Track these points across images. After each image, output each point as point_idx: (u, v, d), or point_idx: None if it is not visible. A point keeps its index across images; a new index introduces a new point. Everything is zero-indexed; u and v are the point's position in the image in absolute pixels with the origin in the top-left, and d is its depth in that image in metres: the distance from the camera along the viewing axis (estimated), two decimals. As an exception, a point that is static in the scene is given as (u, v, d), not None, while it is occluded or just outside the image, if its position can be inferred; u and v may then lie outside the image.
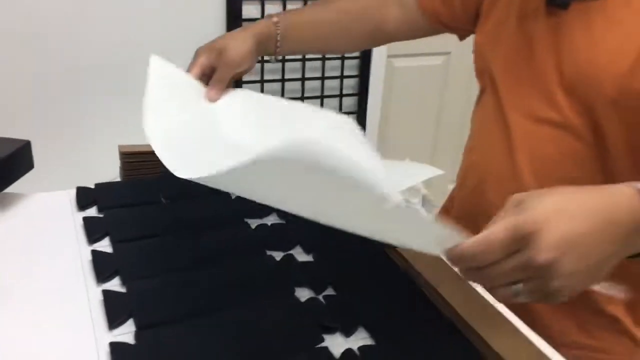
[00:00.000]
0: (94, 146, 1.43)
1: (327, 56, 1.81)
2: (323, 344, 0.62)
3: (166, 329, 0.62)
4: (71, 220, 0.81)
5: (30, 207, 0.84)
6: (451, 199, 0.97)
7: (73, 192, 0.86)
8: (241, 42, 0.82)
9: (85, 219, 0.80)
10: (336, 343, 0.63)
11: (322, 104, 1.89)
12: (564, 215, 0.43)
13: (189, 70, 0.81)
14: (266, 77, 1.77)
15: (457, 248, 0.44)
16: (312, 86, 1.85)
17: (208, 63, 0.80)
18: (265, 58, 0.96)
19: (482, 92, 0.87)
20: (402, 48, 1.07)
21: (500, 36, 0.80)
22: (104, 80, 1.59)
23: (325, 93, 1.88)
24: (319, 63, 1.82)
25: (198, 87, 0.80)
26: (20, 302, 0.65)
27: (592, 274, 0.44)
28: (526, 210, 0.43)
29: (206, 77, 0.81)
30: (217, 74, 0.80)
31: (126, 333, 0.62)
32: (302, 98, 1.85)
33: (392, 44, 0.94)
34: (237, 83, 1.75)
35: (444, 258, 0.46)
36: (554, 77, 0.73)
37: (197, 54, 0.82)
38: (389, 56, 1.94)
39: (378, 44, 1.02)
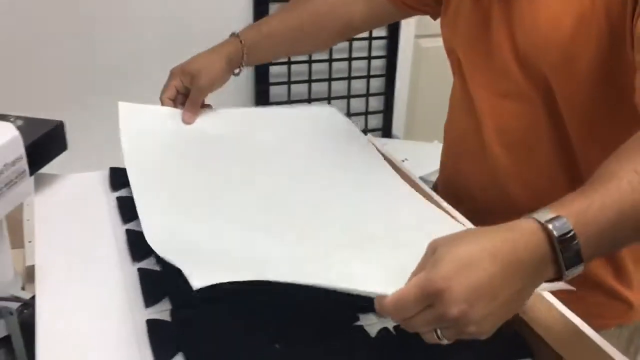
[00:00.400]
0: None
1: (354, 37, 1.80)
2: (358, 323, 0.62)
3: (202, 307, 0.62)
4: (105, 201, 0.81)
5: (65, 187, 0.84)
6: (435, 184, 1.00)
7: (107, 172, 0.87)
8: (212, 66, 0.89)
9: (119, 198, 0.81)
10: (371, 322, 0.63)
11: (349, 86, 1.87)
12: (469, 267, 0.46)
13: (163, 91, 0.90)
14: (293, 59, 1.76)
15: (378, 304, 0.49)
16: (339, 67, 1.84)
17: (181, 85, 0.90)
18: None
19: (453, 72, 0.89)
20: (429, 28, 1.06)
21: (460, 15, 0.82)
22: (138, 63, 1.60)
23: (353, 74, 1.86)
24: (345, 44, 1.81)
25: (173, 118, 0.88)
26: (58, 281, 0.66)
27: (506, 309, 0.48)
28: (435, 265, 0.47)
29: (181, 96, 0.90)
30: (191, 98, 0.89)
31: (163, 311, 0.62)
32: (329, 79, 1.84)
33: (420, 23, 0.95)
34: (265, 76, 1.74)
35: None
36: (508, 50, 0.75)
37: (172, 75, 0.90)
38: (417, 36, 1.91)
39: (347, 38, 1.08)
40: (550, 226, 0.47)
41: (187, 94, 0.90)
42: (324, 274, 0.58)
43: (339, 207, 0.75)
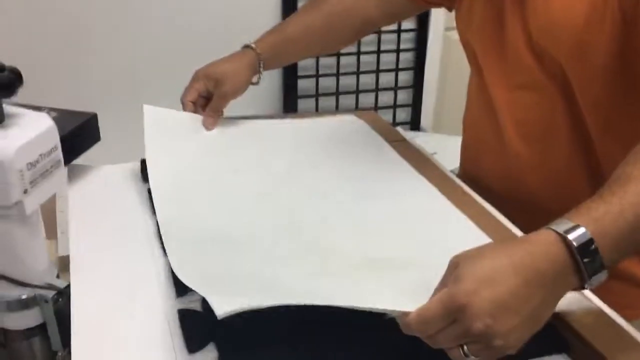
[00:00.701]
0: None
1: (382, 29, 1.78)
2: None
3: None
4: (137, 192, 0.82)
5: (97, 178, 0.85)
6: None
7: (138, 164, 0.88)
8: (237, 73, 0.90)
9: (150, 190, 0.81)
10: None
11: (377, 79, 1.86)
12: (491, 281, 0.46)
13: (185, 93, 0.90)
14: (321, 52, 1.76)
15: (402, 322, 0.50)
16: (368, 60, 1.83)
17: (204, 89, 0.90)
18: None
19: (469, 64, 0.89)
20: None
21: (474, 8, 0.82)
22: (170, 54, 1.61)
23: (381, 67, 1.85)
24: (374, 37, 1.80)
25: (197, 125, 0.90)
26: (92, 270, 0.67)
27: (532, 321, 0.48)
28: (458, 280, 0.47)
29: (202, 99, 0.91)
30: (213, 104, 0.90)
31: (193, 301, 0.62)
32: (357, 73, 1.83)
33: (450, 16, 0.95)
34: (294, 70, 1.74)
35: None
36: (522, 41, 0.74)
37: (195, 78, 0.90)
38: (446, 29, 1.89)
39: (366, 35, 1.06)
40: (569, 236, 0.48)
41: (209, 97, 0.91)
42: (345, 293, 0.58)
43: (363, 222, 0.74)
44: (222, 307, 0.51)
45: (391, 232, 0.72)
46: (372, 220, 0.74)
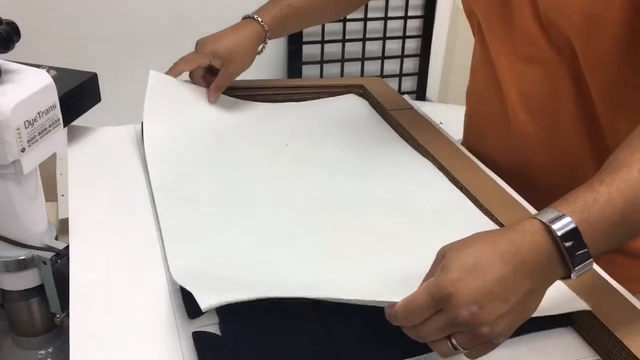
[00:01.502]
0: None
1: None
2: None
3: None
4: (137, 154, 0.81)
5: (98, 140, 0.84)
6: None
7: (139, 126, 0.86)
8: (244, 52, 0.88)
9: (151, 152, 0.80)
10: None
11: (384, 47, 1.83)
12: (476, 270, 0.46)
13: (185, 61, 0.87)
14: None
15: (388, 311, 0.49)
16: (374, 27, 1.80)
17: (207, 65, 0.88)
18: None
19: (473, 35, 0.86)
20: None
21: None
22: (171, 15, 1.58)
23: (388, 34, 1.82)
24: (381, 2, 1.76)
25: (200, 99, 0.87)
26: (91, 232, 0.66)
27: (519, 310, 0.47)
28: (444, 269, 0.47)
29: (201, 71, 0.89)
30: (219, 82, 0.89)
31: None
32: (363, 39, 1.80)
33: None
34: (299, 36, 1.71)
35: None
36: (529, 12, 0.72)
37: (199, 51, 0.87)
38: (456, -4, 1.86)
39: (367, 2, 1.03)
40: (553, 226, 0.47)
41: (210, 71, 0.89)
42: (333, 285, 0.58)
43: (361, 199, 0.73)
44: (206, 301, 0.51)
45: (389, 213, 0.71)
46: (370, 198, 0.73)
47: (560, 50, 0.71)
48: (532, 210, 0.70)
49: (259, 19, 0.88)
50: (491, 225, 0.69)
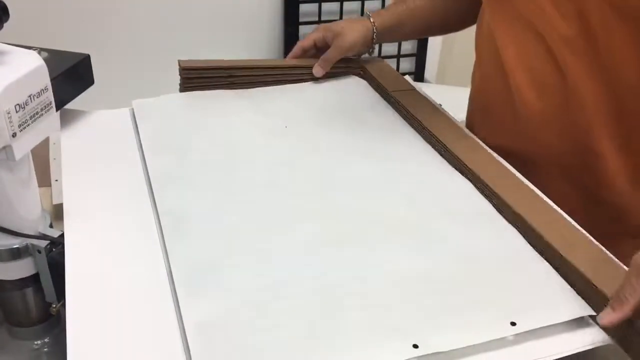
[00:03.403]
0: (155, 64, 1.42)
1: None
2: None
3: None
4: (131, 137, 0.79)
5: (91, 123, 0.82)
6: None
7: (132, 109, 0.84)
8: (356, 32, 0.92)
9: (146, 136, 0.78)
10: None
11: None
12: None
13: (302, 41, 0.94)
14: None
15: (603, 322, 0.52)
16: (372, 7, 1.77)
17: (322, 39, 0.93)
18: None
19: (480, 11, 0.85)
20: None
21: None
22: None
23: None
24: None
25: (190, 105, 0.85)
26: (86, 218, 0.64)
27: None
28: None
29: (313, 50, 0.94)
30: (329, 54, 0.92)
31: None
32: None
33: None
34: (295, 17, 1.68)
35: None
36: None
37: (316, 30, 0.94)
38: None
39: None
40: None
41: (323, 49, 0.93)
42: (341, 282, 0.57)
43: (360, 182, 0.71)
44: (192, 316, 0.51)
45: (391, 198, 0.69)
46: (373, 183, 0.71)
47: (573, 24, 0.69)
48: (539, 192, 0.69)
49: (372, 19, 0.93)
50: (490, 210, 0.67)
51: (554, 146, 0.77)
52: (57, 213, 0.66)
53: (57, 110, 0.60)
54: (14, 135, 0.53)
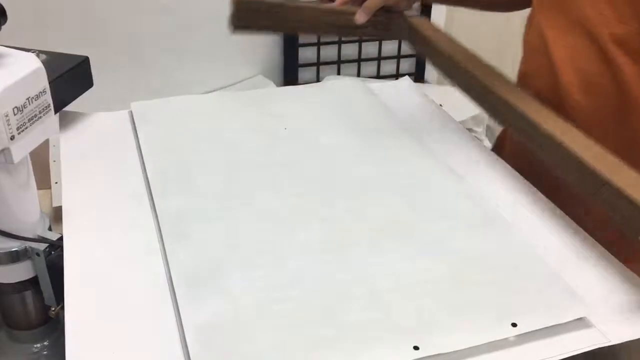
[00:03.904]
0: (154, 67, 1.42)
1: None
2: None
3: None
4: (131, 139, 0.78)
5: (90, 126, 0.81)
6: (502, 137, 0.94)
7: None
8: None
9: (145, 138, 0.78)
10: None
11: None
12: None
13: None
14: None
15: None
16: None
17: None
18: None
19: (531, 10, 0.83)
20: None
21: None
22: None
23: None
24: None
25: (189, 108, 0.83)
26: (85, 221, 0.64)
27: None
28: None
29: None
30: (369, 3, 0.83)
31: (193, 255, 0.59)
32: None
33: None
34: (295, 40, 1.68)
35: None
36: None
37: None
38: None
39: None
40: None
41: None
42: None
43: (362, 184, 0.71)
44: (192, 319, 0.51)
45: (391, 200, 0.69)
46: (372, 184, 0.71)
47: (629, 25, 0.67)
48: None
49: None
50: (491, 210, 0.67)
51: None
52: (58, 215, 0.66)
53: (56, 112, 0.60)
54: (12, 138, 0.53)
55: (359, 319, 0.52)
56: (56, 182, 1.01)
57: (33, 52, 0.69)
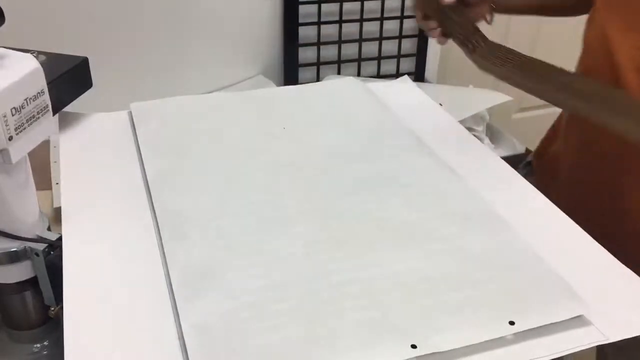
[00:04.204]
0: (154, 66, 1.41)
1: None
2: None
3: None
4: (130, 140, 0.79)
5: (90, 127, 0.82)
6: (548, 138, 0.93)
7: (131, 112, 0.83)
8: None
9: (145, 138, 0.78)
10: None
11: (381, 27, 1.80)
12: None
13: None
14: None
15: None
16: (371, 8, 1.77)
17: None
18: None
19: (592, 9, 0.81)
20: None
21: None
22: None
23: (386, 15, 1.79)
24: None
25: (189, 108, 0.83)
26: (85, 221, 0.64)
27: None
28: None
29: None
30: None
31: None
32: (360, 20, 1.77)
33: None
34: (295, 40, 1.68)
35: None
36: None
37: None
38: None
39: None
40: None
41: None
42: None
43: (362, 182, 0.71)
44: (190, 318, 0.51)
45: (390, 199, 0.69)
46: (368, 180, 0.71)
47: None
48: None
49: None
50: (489, 209, 0.67)
51: None
52: (59, 216, 0.66)
53: (55, 113, 0.60)
54: (10, 138, 0.53)
55: (357, 317, 0.53)
56: (57, 183, 1.01)
57: (32, 53, 0.69)
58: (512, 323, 0.52)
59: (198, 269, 0.57)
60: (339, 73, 1.81)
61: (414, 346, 0.49)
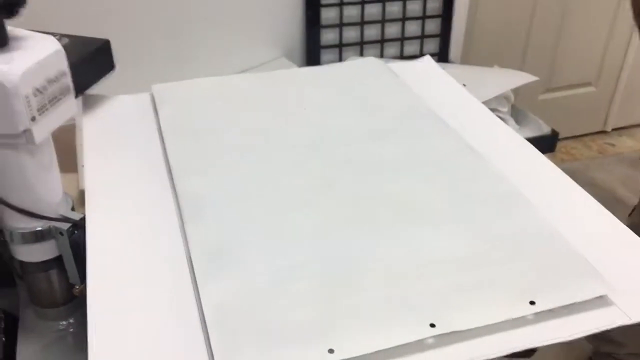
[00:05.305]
0: (175, 51, 1.42)
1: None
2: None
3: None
4: (153, 122, 0.79)
5: (113, 109, 0.82)
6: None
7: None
8: None
9: (166, 120, 0.78)
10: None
11: (404, 8, 1.78)
12: None
13: None
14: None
15: None
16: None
17: None
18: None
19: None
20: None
21: None
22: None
23: (409, -5, 1.77)
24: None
25: (211, 89, 0.83)
26: (108, 202, 0.65)
27: None
28: None
29: None
30: None
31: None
32: (383, 1, 1.75)
33: None
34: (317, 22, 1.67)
35: None
36: None
37: None
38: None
39: None
40: None
41: None
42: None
43: (379, 162, 0.70)
44: (211, 298, 0.51)
45: (410, 181, 0.68)
46: (388, 161, 0.71)
47: None
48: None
49: None
50: (511, 189, 0.66)
51: None
52: (84, 198, 0.67)
53: (78, 95, 0.61)
54: (33, 119, 0.54)
55: (376, 296, 0.53)
56: (83, 166, 1.02)
57: (55, 36, 0.70)
58: (532, 303, 0.51)
59: (218, 248, 0.57)
60: (361, 55, 1.80)
61: (432, 325, 0.49)
